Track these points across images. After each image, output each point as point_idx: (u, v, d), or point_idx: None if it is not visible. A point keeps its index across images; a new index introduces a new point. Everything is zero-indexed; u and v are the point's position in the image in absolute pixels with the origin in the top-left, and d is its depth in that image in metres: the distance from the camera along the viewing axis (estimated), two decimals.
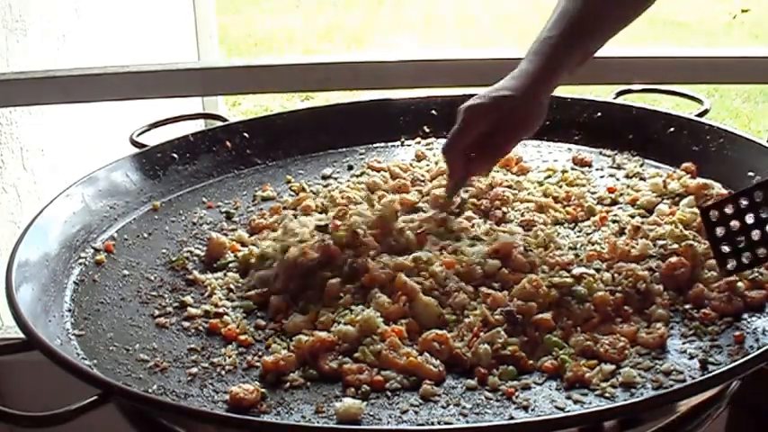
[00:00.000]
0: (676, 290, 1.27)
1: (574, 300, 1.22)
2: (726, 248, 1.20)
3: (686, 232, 1.36)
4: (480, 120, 1.40)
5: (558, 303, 1.22)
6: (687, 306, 1.23)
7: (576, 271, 1.27)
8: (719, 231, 1.20)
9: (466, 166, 1.45)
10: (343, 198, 1.55)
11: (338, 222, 1.37)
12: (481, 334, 1.17)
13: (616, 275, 1.28)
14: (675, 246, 1.33)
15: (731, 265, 1.20)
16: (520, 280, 1.26)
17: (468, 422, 1.04)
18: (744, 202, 1.17)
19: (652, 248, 1.34)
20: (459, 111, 1.42)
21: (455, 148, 1.43)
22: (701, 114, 1.74)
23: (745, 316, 1.21)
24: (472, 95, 1.91)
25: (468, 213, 1.48)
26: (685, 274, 1.27)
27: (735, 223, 1.18)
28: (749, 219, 1.17)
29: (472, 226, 1.44)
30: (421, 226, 1.40)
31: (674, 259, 1.28)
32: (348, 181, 1.68)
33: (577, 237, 1.43)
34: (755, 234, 1.16)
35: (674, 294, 1.26)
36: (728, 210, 1.19)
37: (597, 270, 1.29)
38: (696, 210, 1.46)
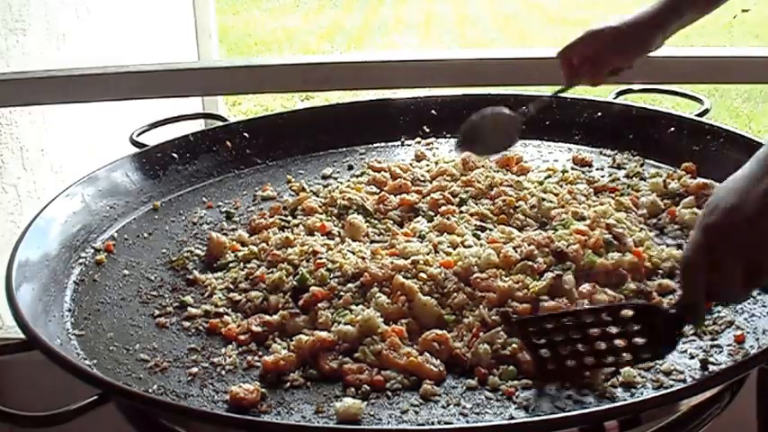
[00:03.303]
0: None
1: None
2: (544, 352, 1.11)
3: None
4: (589, 40, 1.62)
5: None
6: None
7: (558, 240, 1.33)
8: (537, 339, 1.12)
9: (575, 73, 1.64)
10: (344, 199, 1.55)
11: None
12: (481, 334, 1.17)
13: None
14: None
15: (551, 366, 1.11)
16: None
17: (468, 422, 1.04)
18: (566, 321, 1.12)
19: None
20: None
21: (567, 54, 1.64)
22: (701, 114, 1.74)
23: (746, 316, 1.21)
24: (472, 95, 1.93)
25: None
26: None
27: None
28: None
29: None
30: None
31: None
32: (348, 181, 1.68)
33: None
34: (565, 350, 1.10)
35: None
36: (549, 325, 1.12)
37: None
38: (696, 210, 1.46)
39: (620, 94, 1.91)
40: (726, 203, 1.03)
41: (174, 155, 1.72)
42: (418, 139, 1.87)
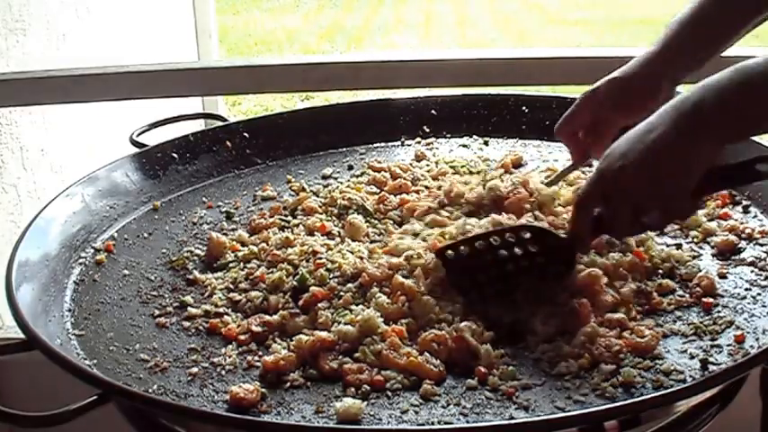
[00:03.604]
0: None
1: None
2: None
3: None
4: (587, 103, 1.45)
5: None
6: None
7: None
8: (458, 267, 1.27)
9: (581, 148, 1.48)
10: (344, 199, 1.55)
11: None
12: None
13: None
14: None
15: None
16: None
17: (468, 422, 1.04)
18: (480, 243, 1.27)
19: None
20: None
21: (565, 129, 1.48)
22: None
23: (746, 316, 1.21)
24: (472, 95, 1.93)
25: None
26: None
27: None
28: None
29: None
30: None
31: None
32: (348, 181, 1.68)
33: None
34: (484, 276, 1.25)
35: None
36: (463, 249, 1.27)
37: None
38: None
39: None
40: (618, 150, 1.15)
41: (174, 155, 1.72)
42: (418, 139, 1.87)
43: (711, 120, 1.10)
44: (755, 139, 1.39)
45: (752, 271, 1.32)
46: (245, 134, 1.81)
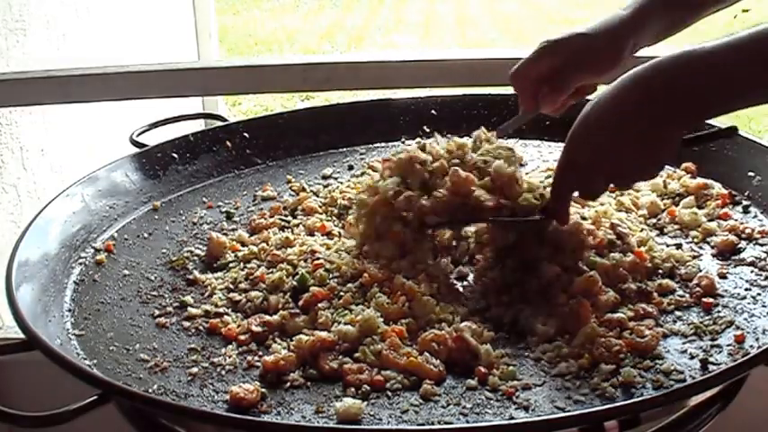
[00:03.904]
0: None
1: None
2: None
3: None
4: (549, 53, 1.40)
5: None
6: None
7: None
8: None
9: (533, 97, 1.44)
10: (344, 199, 1.55)
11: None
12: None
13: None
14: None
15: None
16: None
17: (468, 422, 1.04)
18: None
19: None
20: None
21: (522, 74, 1.42)
22: None
23: (746, 316, 1.21)
24: (472, 95, 1.93)
25: None
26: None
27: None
28: None
29: None
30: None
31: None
32: (348, 181, 1.68)
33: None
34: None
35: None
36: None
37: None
38: (696, 210, 1.46)
39: None
40: (588, 139, 1.19)
41: (174, 155, 1.72)
42: (418, 139, 1.87)
43: (683, 102, 1.13)
44: None
45: (752, 271, 1.32)
46: (245, 134, 1.81)
